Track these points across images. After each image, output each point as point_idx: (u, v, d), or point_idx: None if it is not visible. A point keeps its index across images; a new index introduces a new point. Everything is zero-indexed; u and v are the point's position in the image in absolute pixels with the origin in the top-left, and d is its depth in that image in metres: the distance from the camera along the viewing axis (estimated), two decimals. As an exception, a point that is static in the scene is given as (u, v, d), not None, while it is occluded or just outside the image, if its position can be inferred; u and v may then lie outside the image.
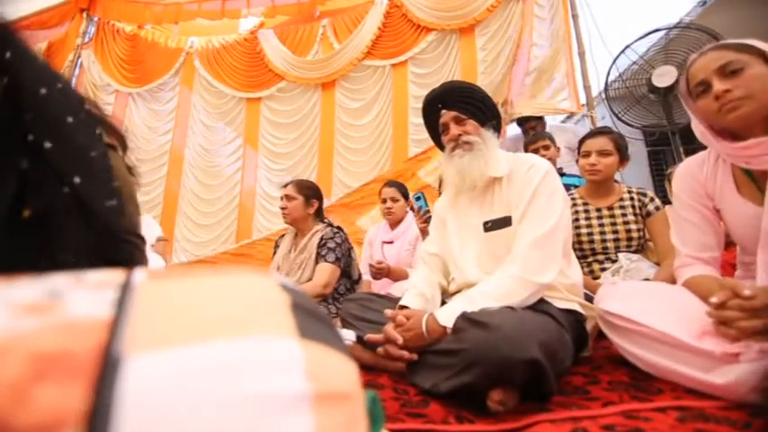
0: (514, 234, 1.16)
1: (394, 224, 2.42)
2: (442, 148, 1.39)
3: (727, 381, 0.74)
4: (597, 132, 1.76)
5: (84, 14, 4.20)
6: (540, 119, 3.08)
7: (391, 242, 2.41)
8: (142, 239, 0.71)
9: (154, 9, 3.97)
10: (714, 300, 0.80)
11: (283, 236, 2.14)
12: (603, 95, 3.39)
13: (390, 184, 2.47)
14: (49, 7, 4.03)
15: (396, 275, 2.02)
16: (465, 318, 0.88)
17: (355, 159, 3.80)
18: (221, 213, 4.15)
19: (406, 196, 2.39)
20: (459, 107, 1.30)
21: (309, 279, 1.83)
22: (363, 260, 2.54)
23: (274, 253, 2.11)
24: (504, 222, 1.20)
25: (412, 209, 2.26)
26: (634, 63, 3.42)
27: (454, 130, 1.29)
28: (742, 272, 1.10)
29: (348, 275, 1.98)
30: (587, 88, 3.32)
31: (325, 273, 1.78)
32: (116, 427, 0.15)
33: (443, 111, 1.32)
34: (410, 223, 2.35)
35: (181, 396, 0.17)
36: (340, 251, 1.87)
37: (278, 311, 0.23)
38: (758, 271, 0.92)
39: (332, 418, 0.20)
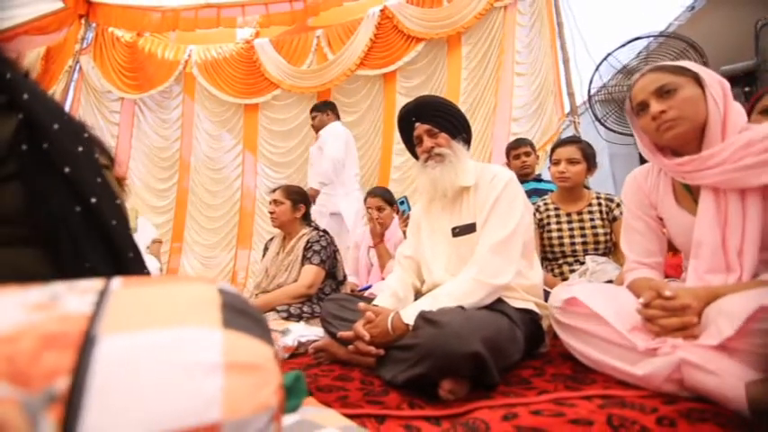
0: (478, 239, 1.25)
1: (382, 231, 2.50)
2: (417, 157, 1.48)
3: (645, 372, 0.83)
4: (566, 142, 1.87)
5: (83, 20, 4.29)
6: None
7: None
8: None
9: (152, 16, 4.06)
10: (641, 299, 0.90)
11: (273, 239, 2.23)
12: (587, 102, 3.49)
13: (374, 192, 2.49)
14: (48, 13, 4.12)
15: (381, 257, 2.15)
16: (421, 316, 0.98)
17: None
18: (225, 218, 4.30)
19: (391, 202, 2.45)
20: (431, 121, 1.39)
21: (296, 280, 1.93)
22: (350, 262, 2.63)
23: (263, 255, 2.21)
24: (470, 228, 1.30)
25: (397, 212, 2.35)
26: (618, 72, 3.53)
27: (427, 142, 1.38)
28: (686, 274, 1.20)
29: (333, 276, 2.08)
30: (571, 95, 3.42)
31: (310, 274, 1.88)
32: (91, 376, 0.24)
33: (417, 124, 1.41)
34: (396, 227, 2.43)
35: (134, 361, 0.27)
36: (325, 253, 1.97)
37: (209, 309, 0.33)
38: (688, 275, 1.02)
39: (239, 381, 0.30)
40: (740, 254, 0.95)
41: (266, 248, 2.23)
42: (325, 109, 3.13)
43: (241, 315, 0.35)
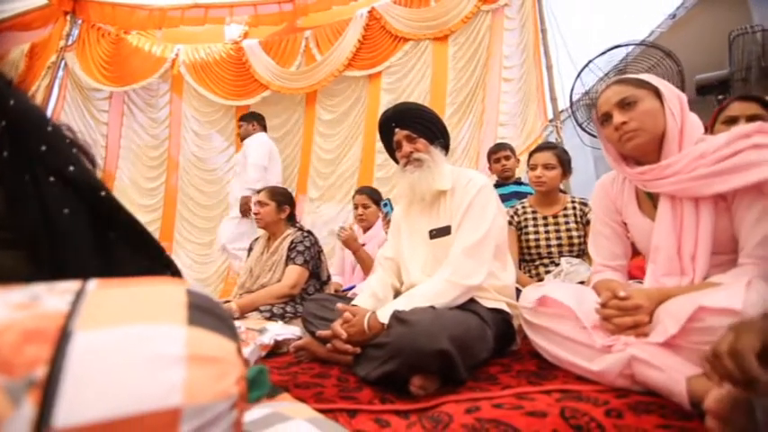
0: (453, 241, 1.31)
1: (366, 228, 2.56)
2: (397, 161, 1.53)
3: (600, 368, 0.89)
4: (543, 147, 1.94)
5: (69, 17, 4.25)
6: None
7: (363, 245, 2.55)
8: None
9: (138, 14, 4.04)
10: (599, 300, 0.96)
11: (257, 239, 2.26)
12: (569, 108, 3.58)
13: (362, 190, 2.58)
14: (33, 9, 4.08)
15: (363, 262, 2.20)
16: (394, 316, 1.03)
17: (328, 170, 3.96)
18: (219, 218, 4.30)
19: (377, 202, 2.51)
20: (410, 127, 1.44)
21: (279, 280, 1.96)
22: (337, 262, 2.68)
23: (248, 255, 2.24)
24: (446, 231, 1.35)
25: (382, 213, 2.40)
26: (600, 79, 3.63)
27: (406, 147, 1.43)
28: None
29: (317, 277, 2.11)
30: (554, 100, 3.50)
31: (293, 274, 1.92)
32: (67, 365, 0.28)
33: (397, 129, 1.46)
34: (380, 227, 2.48)
35: (104, 353, 0.31)
36: (309, 254, 2.00)
37: (176, 308, 0.37)
38: (646, 277, 1.08)
39: (200, 372, 0.34)
40: (693, 258, 1.01)
41: (251, 248, 2.26)
42: (252, 120, 3.31)
43: (206, 314, 0.39)
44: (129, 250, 0.54)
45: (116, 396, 0.29)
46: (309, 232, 2.13)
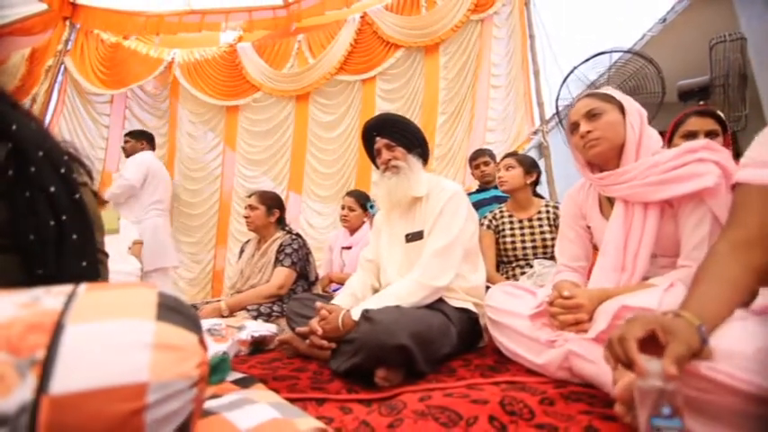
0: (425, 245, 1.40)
1: (352, 231, 2.66)
2: (378, 168, 1.63)
3: (543, 361, 0.99)
4: (505, 156, 2.12)
5: (68, 22, 4.34)
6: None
7: (350, 247, 2.65)
8: (105, 254, 0.93)
9: (136, 20, 4.14)
10: (546, 298, 1.06)
11: (248, 241, 2.36)
12: (556, 114, 3.67)
13: (352, 193, 2.68)
14: (33, 15, 4.16)
15: (338, 280, 2.31)
16: (362, 314, 1.12)
17: (325, 171, 4.05)
18: (206, 216, 4.38)
19: (363, 206, 2.61)
20: (390, 136, 1.54)
21: (268, 281, 2.06)
22: (324, 263, 2.78)
23: (239, 257, 2.33)
24: (420, 236, 1.45)
25: (367, 216, 2.51)
26: (587, 87, 3.72)
27: (385, 155, 1.53)
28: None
29: (306, 277, 2.21)
30: (540, 105, 3.60)
31: (281, 276, 2.02)
32: (60, 350, 0.38)
33: (377, 138, 1.56)
34: (367, 230, 2.58)
35: (89, 341, 0.40)
36: (297, 256, 2.10)
37: (148, 307, 0.47)
38: (593, 270, 1.17)
39: (165, 356, 0.44)
40: (635, 256, 1.11)
41: (242, 250, 2.35)
42: (140, 138, 3.37)
43: (173, 311, 0.49)
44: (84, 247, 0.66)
45: (97, 372, 0.39)
46: (298, 235, 2.23)
